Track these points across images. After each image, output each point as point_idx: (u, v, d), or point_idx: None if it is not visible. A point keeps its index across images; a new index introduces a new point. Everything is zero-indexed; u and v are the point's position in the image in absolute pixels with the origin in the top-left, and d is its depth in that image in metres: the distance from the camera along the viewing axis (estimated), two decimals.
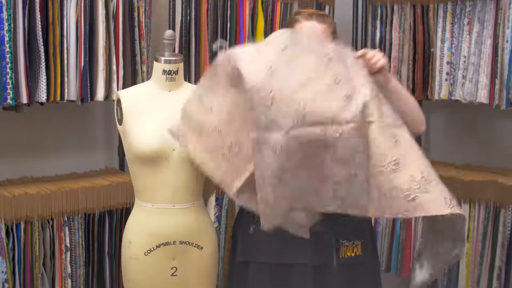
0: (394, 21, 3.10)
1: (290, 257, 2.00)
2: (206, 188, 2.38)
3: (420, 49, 3.00)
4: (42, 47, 2.28)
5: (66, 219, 2.35)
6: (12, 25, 2.19)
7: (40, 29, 2.27)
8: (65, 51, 2.35)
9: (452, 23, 2.89)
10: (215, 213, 2.67)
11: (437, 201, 1.63)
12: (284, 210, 1.73)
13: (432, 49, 2.95)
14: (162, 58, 2.05)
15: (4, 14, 2.17)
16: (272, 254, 2.03)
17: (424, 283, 1.79)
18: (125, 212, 2.47)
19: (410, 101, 1.97)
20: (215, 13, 2.73)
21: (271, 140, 1.64)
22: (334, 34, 2.12)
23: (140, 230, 2.03)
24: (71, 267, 2.37)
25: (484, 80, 2.75)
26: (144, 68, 2.56)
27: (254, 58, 1.73)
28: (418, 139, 3.65)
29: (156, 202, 2.01)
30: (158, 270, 2.02)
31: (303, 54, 1.74)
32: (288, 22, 2.19)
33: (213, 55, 2.72)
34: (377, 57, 1.87)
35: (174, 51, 2.29)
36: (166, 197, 2.00)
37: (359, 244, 2.08)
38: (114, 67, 2.47)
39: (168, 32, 2.07)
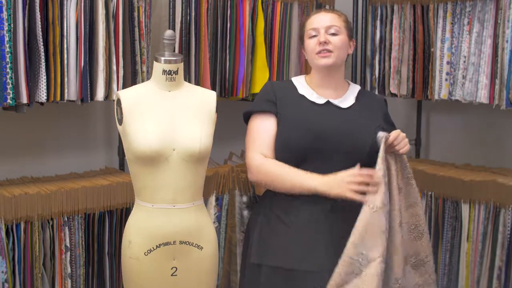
0: (394, 21, 3.10)
1: (306, 264, 1.98)
2: (206, 188, 2.38)
3: (420, 49, 3.00)
4: (42, 47, 2.28)
5: (66, 219, 2.35)
6: (12, 25, 2.19)
7: (40, 29, 2.27)
8: (65, 51, 2.35)
9: (452, 23, 2.89)
10: (215, 213, 2.67)
11: None
12: None
13: (432, 49, 2.95)
14: (162, 58, 2.05)
15: (4, 14, 2.17)
16: (287, 259, 2.01)
17: None
18: (125, 212, 2.47)
19: None
20: (215, 13, 2.73)
21: None
22: (347, 23, 2.14)
23: (140, 230, 2.03)
24: (71, 267, 2.37)
25: (484, 80, 2.75)
26: (144, 68, 2.56)
27: None
28: (417, 140, 3.67)
29: (156, 202, 2.01)
30: (158, 270, 2.02)
31: None
32: (301, 23, 2.21)
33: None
34: (404, 142, 2.01)
35: (174, 51, 2.29)
36: (166, 197, 2.00)
37: None
38: (114, 67, 2.47)
39: (168, 32, 2.07)
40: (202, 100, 2.12)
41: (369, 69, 3.23)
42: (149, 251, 2.01)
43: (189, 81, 2.63)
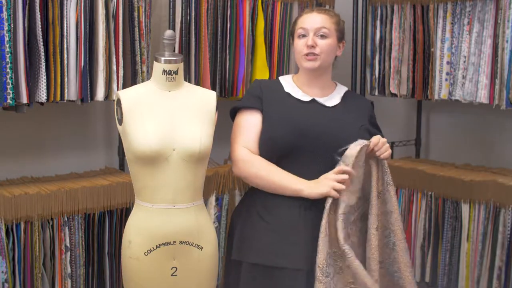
0: (394, 21, 3.10)
1: (285, 261, 2.00)
2: (206, 188, 2.38)
3: (420, 49, 3.01)
4: (42, 47, 2.28)
5: (66, 219, 2.35)
6: (12, 25, 2.19)
7: (40, 29, 2.27)
8: (65, 51, 2.35)
9: (452, 23, 2.89)
10: (215, 213, 2.67)
11: None
12: None
13: (432, 49, 2.95)
14: (162, 58, 2.05)
15: (4, 14, 2.17)
16: (267, 256, 2.03)
17: None
18: (125, 212, 2.47)
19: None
20: (215, 13, 2.73)
21: None
22: (338, 25, 2.14)
23: (140, 230, 2.03)
24: (71, 267, 2.37)
25: (484, 80, 2.75)
26: (144, 68, 2.56)
27: None
28: (417, 140, 3.67)
29: (156, 202, 2.01)
30: (158, 270, 2.02)
31: None
32: (294, 21, 2.23)
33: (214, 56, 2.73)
34: (385, 147, 2.02)
35: (174, 51, 2.29)
36: (166, 197, 2.00)
37: None
38: (114, 67, 2.47)
39: (168, 32, 2.07)
40: (202, 100, 2.12)
41: (369, 69, 3.23)
42: (149, 251, 2.01)
43: (189, 81, 2.63)
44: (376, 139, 2.01)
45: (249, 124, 2.13)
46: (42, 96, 2.30)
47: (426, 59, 2.99)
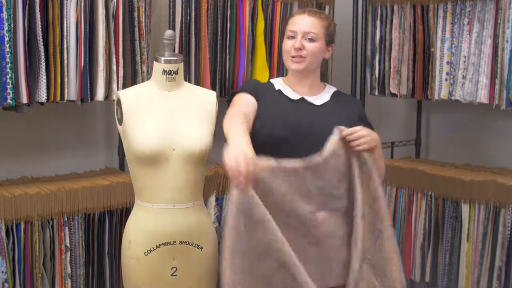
0: (394, 21, 3.10)
1: None
2: (206, 188, 2.38)
3: (420, 49, 3.00)
4: (42, 47, 2.28)
5: (66, 219, 2.35)
6: (12, 25, 2.19)
7: (40, 29, 2.27)
8: (65, 51, 2.35)
9: (452, 23, 2.89)
10: (215, 213, 2.67)
11: None
12: None
13: (432, 49, 2.95)
14: (162, 58, 2.05)
15: (4, 14, 2.17)
16: None
17: None
18: (125, 212, 2.47)
19: (381, 164, 2.11)
20: (215, 13, 2.73)
21: None
22: (327, 29, 2.14)
23: (140, 230, 2.03)
24: (71, 267, 2.37)
25: (484, 80, 2.75)
26: (144, 68, 2.56)
27: None
28: (417, 140, 3.67)
29: (156, 202, 2.01)
30: (158, 270, 2.02)
31: None
32: (286, 20, 2.23)
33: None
34: (364, 139, 1.98)
35: (174, 51, 2.29)
36: (166, 197, 2.00)
37: None
38: (114, 67, 2.47)
39: (168, 32, 2.07)
40: (202, 100, 2.12)
41: (369, 69, 3.23)
42: (149, 251, 2.01)
43: (189, 81, 2.63)
44: (352, 129, 2.00)
45: (245, 102, 2.08)
46: (42, 96, 2.30)
47: (426, 59, 2.99)
